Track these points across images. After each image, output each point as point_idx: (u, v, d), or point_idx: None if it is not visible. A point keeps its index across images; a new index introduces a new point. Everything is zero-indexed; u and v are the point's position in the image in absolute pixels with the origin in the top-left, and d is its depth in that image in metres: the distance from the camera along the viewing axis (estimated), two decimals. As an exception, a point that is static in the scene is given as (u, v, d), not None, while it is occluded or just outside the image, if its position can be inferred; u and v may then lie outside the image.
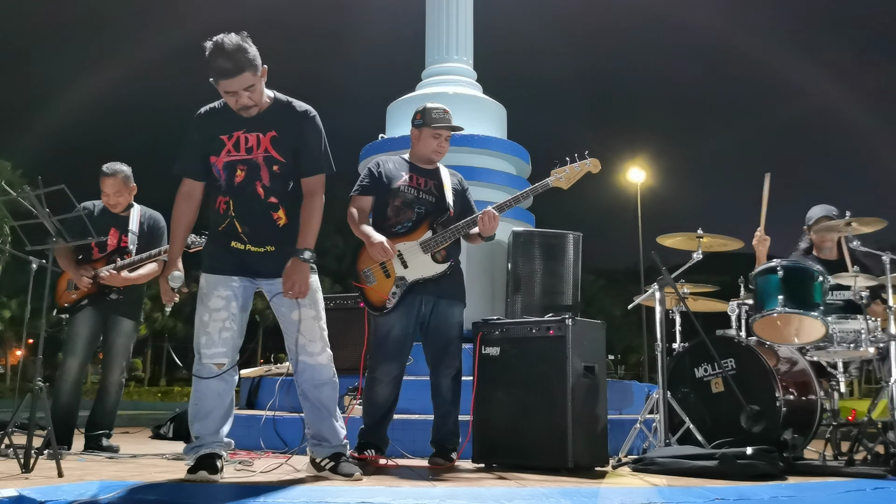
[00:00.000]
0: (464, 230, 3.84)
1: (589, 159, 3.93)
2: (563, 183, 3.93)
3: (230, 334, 3.11)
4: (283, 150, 3.09)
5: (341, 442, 3.24)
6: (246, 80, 2.95)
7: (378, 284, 3.79)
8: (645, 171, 27.74)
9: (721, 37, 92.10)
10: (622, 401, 5.35)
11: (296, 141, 3.10)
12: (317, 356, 3.17)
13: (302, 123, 3.13)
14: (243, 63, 2.92)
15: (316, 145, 3.13)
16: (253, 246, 3.13)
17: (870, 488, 3.18)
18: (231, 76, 2.92)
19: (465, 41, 7.21)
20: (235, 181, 3.10)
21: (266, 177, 3.08)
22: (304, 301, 3.11)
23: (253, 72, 2.95)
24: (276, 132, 3.08)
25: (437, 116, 3.95)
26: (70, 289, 4.48)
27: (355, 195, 3.95)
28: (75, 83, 63.25)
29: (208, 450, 3.06)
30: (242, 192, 3.10)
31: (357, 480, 3.08)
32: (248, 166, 3.08)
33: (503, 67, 57.37)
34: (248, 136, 3.08)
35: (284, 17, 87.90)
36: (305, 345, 3.15)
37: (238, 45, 2.91)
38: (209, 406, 3.12)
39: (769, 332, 4.20)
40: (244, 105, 3.03)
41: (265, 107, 3.10)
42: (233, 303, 3.12)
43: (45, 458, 3.32)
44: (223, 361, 3.10)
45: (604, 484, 3.20)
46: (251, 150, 3.07)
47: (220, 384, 3.13)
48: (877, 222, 4.03)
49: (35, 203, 3.39)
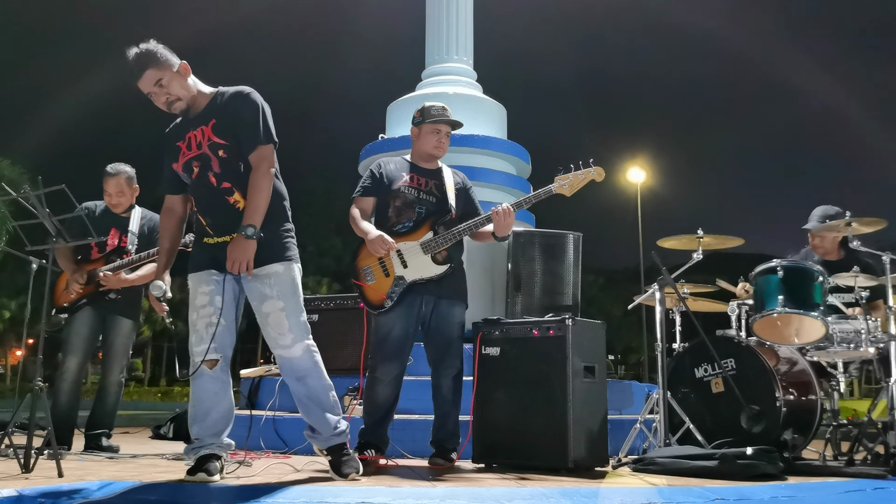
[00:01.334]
0: (467, 232, 3.83)
1: (593, 168, 3.90)
2: (567, 190, 3.91)
3: (219, 329, 3.09)
4: (224, 134, 3.13)
5: (333, 432, 3.22)
6: (151, 77, 3.08)
7: (377, 283, 3.79)
8: (645, 171, 27.76)
9: (721, 37, 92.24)
10: (622, 401, 5.34)
11: (233, 120, 3.14)
12: (289, 349, 3.13)
13: (236, 102, 3.17)
14: (143, 63, 3.07)
15: (252, 119, 3.14)
16: (219, 236, 3.14)
17: (870, 488, 3.18)
18: (136, 78, 3.10)
19: (465, 41, 7.21)
20: (193, 177, 3.18)
21: (216, 164, 3.13)
22: (272, 293, 3.10)
23: (155, 67, 3.08)
24: (216, 119, 3.15)
25: (436, 112, 3.96)
26: (69, 288, 4.48)
27: (357, 197, 3.95)
28: (74, 83, 63.32)
29: (207, 451, 3.07)
30: (200, 186, 3.17)
31: (353, 481, 3.08)
32: (200, 161, 3.16)
33: (503, 67, 57.45)
34: (195, 134, 3.17)
35: (284, 18, 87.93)
36: (276, 338, 3.13)
37: (138, 49, 3.09)
38: (206, 406, 3.13)
39: (769, 332, 4.20)
40: (166, 101, 3.13)
41: (206, 101, 3.20)
42: (217, 297, 3.10)
43: (45, 458, 3.32)
44: (214, 357, 3.10)
45: (604, 484, 3.20)
46: (200, 146, 3.15)
47: (214, 384, 3.13)
48: (877, 222, 4.03)
49: (35, 203, 3.40)
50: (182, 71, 3.15)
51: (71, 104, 56.70)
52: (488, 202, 5.85)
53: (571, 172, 3.91)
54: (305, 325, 3.19)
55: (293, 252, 3.21)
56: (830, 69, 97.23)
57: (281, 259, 3.14)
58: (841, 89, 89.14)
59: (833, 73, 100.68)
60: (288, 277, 3.15)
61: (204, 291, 3.13)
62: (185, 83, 3.16)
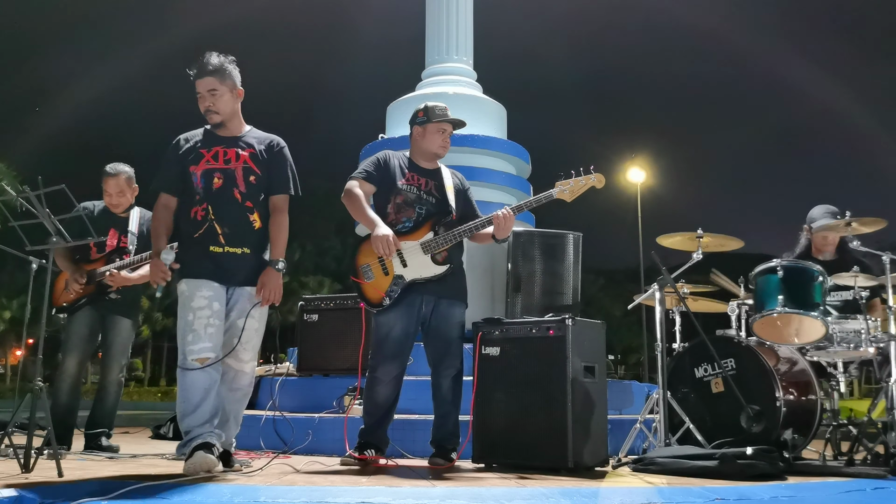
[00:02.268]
0: (468, 234, 3.83)
1: (594, 174, 3.90)
2: (567, 196, 3.91)
3: (214, 330, 3.29)
4: (260, 166, 3.49)
5: (230, 443, 3.48)
6: (209, 83, 3.44)
7: (376, 281, 3.79)
8: (645, 171, 27.72)
9: (722, 37, 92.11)
10: (622, 401, 5.35)
11: (269, 161, 3.51)
12: (245, 363, 3.45)
13: (275, 149, 3.55)
14: (211, 69, 3.43)
15: (285, 168, 3.54)
16: (230, 247, 3.39)
17: (870, 488, 3.18)
18: (198, 77, 3.45)
19: (465, 41, 7.21)
20: (213, 187, 3.42)
21: (242, 184, 3.44)
22: (255, 313, 3.41)
23: (218, 78, 3.44)
24: (254, 150, 3.50)
25: (441, 112, 3.96)
26: (68, 288, 4.48)
27: (359, 178, 3.87)
28: (74, 83, 63.29)
29: (201, 440, 3.18)
30: (221, 196, 3.41)
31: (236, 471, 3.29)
32: (225, 175, 3.43)
33: (503, 67, 57.35)
34: (226, 151, 3.47)
35: (284, 18, 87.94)
36: (239, 350, 3.39)
37: (217, 59, 3.46)
38: (196, 400, 3.24)
39: (769, 332, 4.20)
40: (207, 108, 3.46)
41: (242, 132, 3.56)
42: (215, 303, 3.32)
43: (45, 458, 3.31)
44: (209, 356, 3.26)
45: (604, 484, 3.20)
46: (229, 162, 3.45)
47: (205, 379, 3.26)
48: (877, 222, 4.03)
49: (35, 203, 3.40)
50: (237, 94, 3.53)
51: (69, 104, 56.70)
52: (488, 202, 5.87)
53: (572, 178, 3.91)
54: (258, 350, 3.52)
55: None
56: (831, 69, 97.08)
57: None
58: (841, 89, 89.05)
59: (833, 73, 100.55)
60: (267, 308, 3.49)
61: (204, 295, 3.31)
62: (232, 105, 3.52)
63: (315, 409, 4.82)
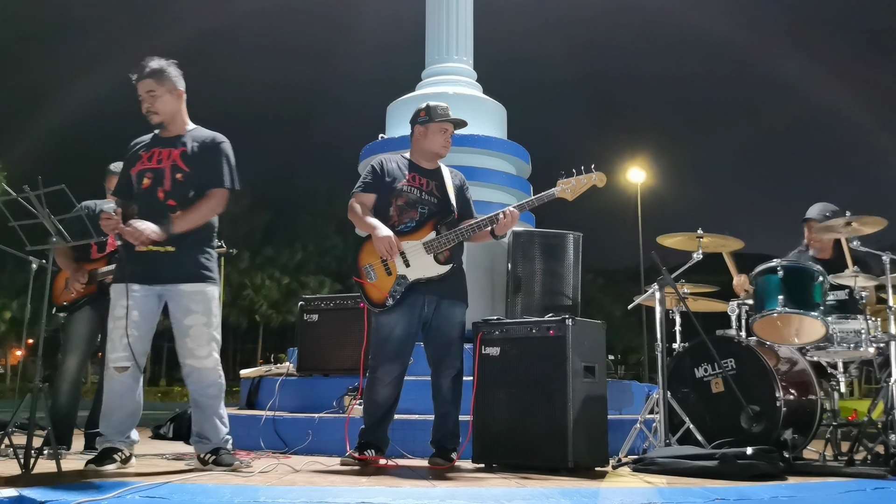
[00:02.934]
0: (470, 233, 3.82)
1: (595, 173, 3.89)
2: (568, 195, 3.90)
3: (133, 339, 3.43)
4: (190, 163, 3.52)
5: (221, 438, 3.52)
6: (147, 85, 3.53)
7: (379, 281, 3.79)
8: (645, 171, 27.72)
9: (722, 37, 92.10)
10: (622, 401, 5.35)
11: (201, 158, 3.54)
12: (203, 360, 3.48)
13: (210, 145, 3.58)
14: (149, 72, 3.53)
15: (219, 163, 3.56)
16: (154, 245, 3.44)
17: (870, 488, 3.18)
18: (137, 80, 3.55)
19: (465, 41, 7.21)
20: (142, 187, 3.53)
21: (168, 183, 3.50)
22: (197, 308, 3.46)
23: (156, 80, 3.53)
24: (187, 148, 3.56)
25: (443, 112, 3.96)
26: (69, 288, 4.48)
27: (357, 192, 3.94)
28: (74, 83, 63.28)
29: (108, 444, 3.44)
30: (147, 196, 3.51)
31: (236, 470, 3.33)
32: (154, 174, 3.52)
33: (503, 67, 57.31)
34: (161, 151, 3.57)
35: (284, 18, 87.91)
36: (193, 349, 3.46)
37: (156, 62, 3.55)
38: (112, 407, 3.48)
39: (769, 332, 4.20)
40: (147, 109, 3.55)
41: (182, 130, 3.62)
42: (134, 311, 3.44)
43: (45, 458, 3.32)
44: (125, 365, 3.45)
45: (604, 484, 3.20)
46: (161, 161, 3.54)
47: (120, 386, 3.46)
48: (877, 222, 4.03)
49: (35, 203, 3.40)
50: (176, 95, 3.59)
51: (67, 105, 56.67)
52: (488, 202, 5.86)
53: (574, 177, 3.90)
54: (218, 342, 3.54)
55: (216, 274, 3.61)
56: (831, 69, 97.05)
57: (207, 279, 3.52)
58: (842, 89, 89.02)
59: (833, 73, 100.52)
60: (211, 296, 3.53)
61: (122, 304, 3.44)
62: (172, 105, 3.58)
63: (315, 409, 4.82)
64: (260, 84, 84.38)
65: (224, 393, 3.58)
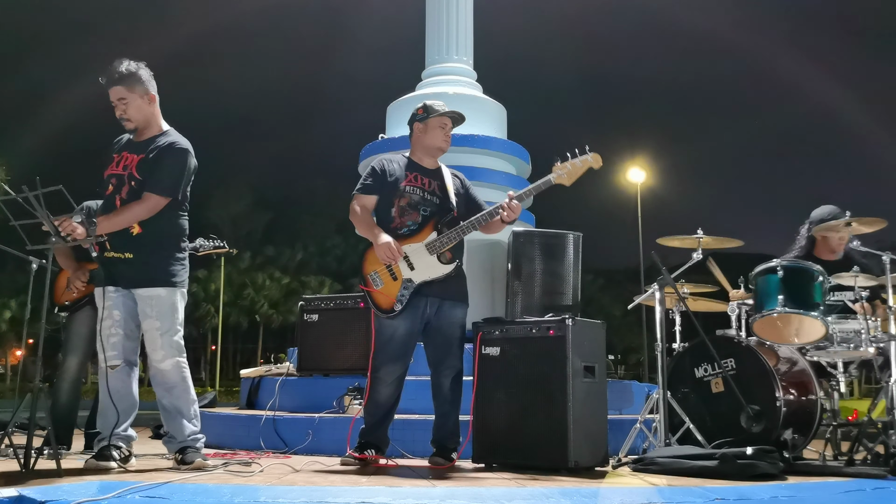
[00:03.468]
0: (470, 229, 3.82)
1: (590, 154, 3.87)
2: (566, 179, 3.87)
3: (117, 339, 3.52)
4: (143, 171, 3.51)
5: (186, 436, 3.58)
6: (117, 92, 3.51)
7: (385, 287, 3.78)
8: (645, 171, 27.73)
9: (722, 37, 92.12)
10: (622, 401, 5.35)
11: (154, 164, 3.52)
12: (158, 363, 3.53)
13: (165, 151, 3.55)
14: (117, 78, 3.49)
15: (166, 171, 3.51)
16: (114, 251, 3.51)
17: (870, 488, 3.18)
18: (107, 86, 3.52)
19: (465, 41, 7.21)
20: (106, 193, 3.58)
21: (125, 191, 3.52)
22: (151, 313, 3.50)
23: (125, 86, 3.49)
24: (145, 155, 3.53)
25: (440, 107, 3.96)
26: (70, 287, 4.48)
27: (358, 193, 3.93)
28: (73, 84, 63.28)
29: (105, 442, 3.48)
30: (108, 202, 3.56)
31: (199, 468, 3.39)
32: (117, 180, 3.55)
33: (503, 67, 57.30)
34: (128, 157, 3.56)
35: (284, 18, 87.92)
36: (150, 352, 3.54)
37: (122, 65, 3.50)
38: (105, 404, 3.54)
39: (769, 332, 4.20)
40: (120, 116, 3.55)
41: (152, 135, 3.60)
42: (115, 311, 3.52)
43: (45, 458, 3.32)
44: (116, 362, 3.52)
45: (604, 484, 3.20)
46: (126, 168, 3.55)
47: (113, 383, 3.52)
48: (877, 222, 4.03)
49: (34, 203, 3.40)
50: (148, 100, 3.57)
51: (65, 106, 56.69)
52: (489, 202, 5.84)
53: (569, 161, 3.86)
54: (178, 345, 3.57)
55: (179, 279, 3.58)
56: (831, 69, 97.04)
57: (165, 284, 3.52)
58: (841, 89, 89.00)
59: (833, 72, 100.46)
60: (168, 301, 3.53)
61: (105, 306, 3.52)
62: (144, 111, 3.56)
63: (315, 409, 4.82)
64: (260, 84, 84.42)
65: (191, 389, 3.63)
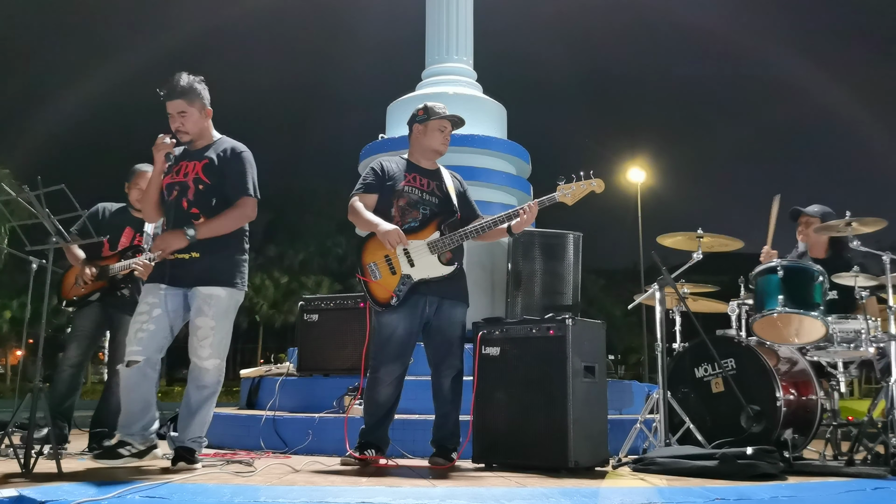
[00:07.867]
0: (474, 234, 3.82)
1: (594, 179, 3.90)
2: (569, 199, 3.91)
3: (147, 335, 3.53)
4: (211, 175, 3.62)
5: (188, 437, 3.60)
6: (178, 105, 3.62)
7: (383, 279, 3.78)
8: (645, 171, 27.72)
9: (722, 36, 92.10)
10: (622, 401, 5.35)
11: (222, 168, 3.64)
12: (204, 360, 3.56)
13: (229, 156, 3.67)
14: (180, 91, 3.60)
15: (247, 175, 3.66)
16: (179, 253, 3.57)
17: (870, 488, 3.18)
18: (168, 98, 3.62)
19: (465, 41, 7.21)
20: (170, 199, 3.66)
21: (191, 193, 3.62)
22: (208, 311, 3.55)
23: (187, 100, 3.61)
24: (209, 160, 3.65)
25: (440, 110, 3.97)
26: (79, 283, 4.48)
27: (359, 193, 3.93)
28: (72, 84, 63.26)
29: (119, 439, 3.53)
30: (173, 207, 3.64)
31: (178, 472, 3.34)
32: (180, 187, 3.65)
33: (503, 67, 57.30)
34: (188, 164, 3.67)
35: (284, 18, 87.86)
36: (197, 347, 3.56)
37: (185, 78, 3.62)
38: (122, 400, 3.58)
39: (769, 332, 4.20)
40: (177, 128, 3.65)
41: (208, 143, 3.72)
42: (156, 309, 3.55)
43: (45, 458, 3.32)
44: (137, 359, 3.51)
45: (604, 484, 3.20)
46: (187, 175, 3.65)
47: (129, 380, 3.53)
48: (877, 222, 4.03)
49: (35, 203, 3.40)
50: (205, 114, 3.70)
51: (66, 106, 56.69)
52: (489, 202, 5.86)
53: (574, 182, 3.90)
54: (225, 347, 3.63)
55: (240, 280, 3.67)
56: (831, 69, 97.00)
57: (227, 284, 3.60)
58: (841, 89, 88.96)
59: (833, 73, 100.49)
60: (226, 302, 3.61)
61: (147, 301, 3.58)
62: (200, 124, 3.69)
63: (315, 409, 4.82)
64: (260, 84, 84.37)
65: (216, 399, 3.69)
